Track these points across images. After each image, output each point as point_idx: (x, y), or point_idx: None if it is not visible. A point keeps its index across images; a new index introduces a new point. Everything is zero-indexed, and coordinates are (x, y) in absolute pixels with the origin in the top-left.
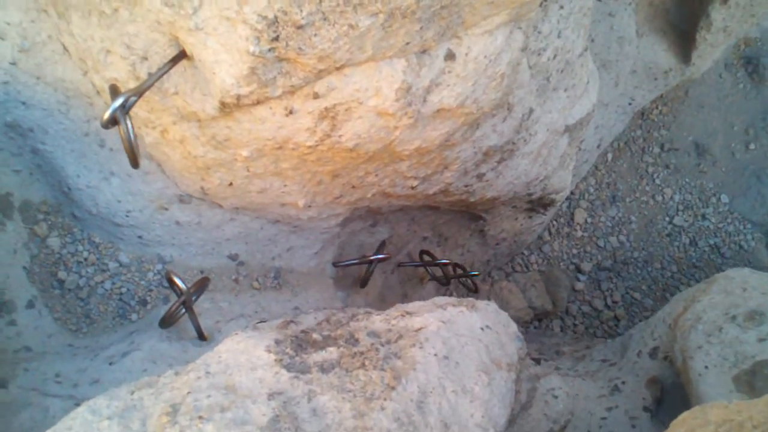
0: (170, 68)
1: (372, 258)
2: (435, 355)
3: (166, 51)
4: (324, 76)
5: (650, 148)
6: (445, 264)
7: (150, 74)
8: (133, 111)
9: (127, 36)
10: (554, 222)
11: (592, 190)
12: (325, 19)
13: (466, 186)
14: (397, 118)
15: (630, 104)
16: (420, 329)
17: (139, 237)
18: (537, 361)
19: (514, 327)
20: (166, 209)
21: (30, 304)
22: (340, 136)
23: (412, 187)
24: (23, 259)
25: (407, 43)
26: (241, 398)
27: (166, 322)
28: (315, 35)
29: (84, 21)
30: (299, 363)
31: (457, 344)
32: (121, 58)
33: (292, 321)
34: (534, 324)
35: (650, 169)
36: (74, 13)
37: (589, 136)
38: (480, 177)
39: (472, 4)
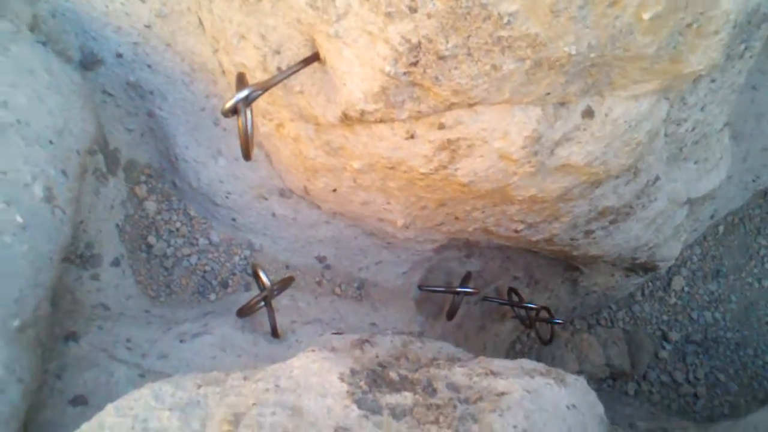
0: (300, 68)
1: (460, 290)
2: (514, 426)
3: (299, 49)
4: (454, 108)
5: (766, 230)
6: (532, 308)
7: (279, 69)
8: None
9: (264, 27)
10: (649, 284)
11: (695, 259)
12: (469, 55)
13: (572, 239)
14: (519, 164)
15: (754, 181)
16: (503, 394)
17: (233, 219)
18: None
19: (600, 409)
20: (266, 199)
21: (116, 262)
22: (456, 169)
23: (517, 231)
24: (118, 217)
25: (548, 94)
26: (307, 425)
27: (244, 312)
28: (455, 68)
29: (225, 2)
30: (371, 401)
31: (539, 419)
32: (254, 47)
33: (367, 340)
34: (608, 382)
35: (762, 252)
36: None
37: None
38: (588, 233)
39: (624, 67)
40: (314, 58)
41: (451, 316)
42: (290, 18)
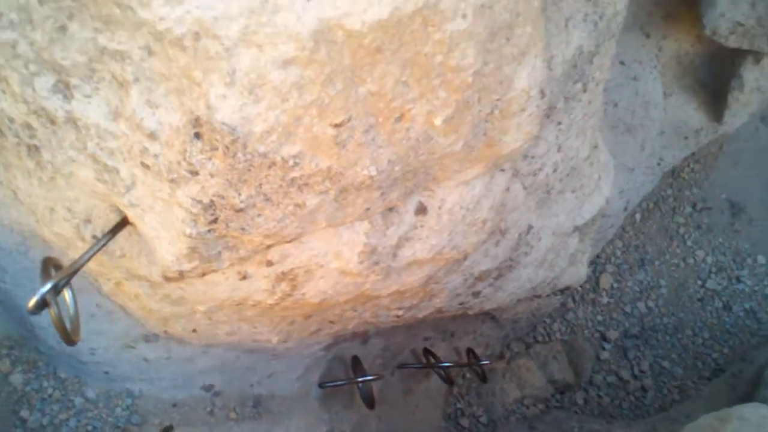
0: (110, 239)
1: (361, 380)
2: None
3: (109, 215)
4: (275, 246)
5: (681, 208)
6: (448, 366)
7: (95, 237)
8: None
9: (67, 200)
10: (578, 288)
11: (618, 253)
12: (267, 200)
13: (461, 304)
14: (364, 276)
15: (659, 164)
16: None
17: (106, 372)
18: None
19: None
20: (133, 347)
21: None
22: (303, 294)
23: (398, 315)
24: None
25: (367, 209)
26: None
27: None
28: (258, 216)
29: (26, 180)
30: None
31: None
32: (63, 219)
33: None
34: (556, 398)
35: (681, 230)
36: (16, 171)
37: (615, 201)
38: (476, 294)
39: (440, 163)
40: (124, 222)
41: (369, 405)
42: (87, 190)
